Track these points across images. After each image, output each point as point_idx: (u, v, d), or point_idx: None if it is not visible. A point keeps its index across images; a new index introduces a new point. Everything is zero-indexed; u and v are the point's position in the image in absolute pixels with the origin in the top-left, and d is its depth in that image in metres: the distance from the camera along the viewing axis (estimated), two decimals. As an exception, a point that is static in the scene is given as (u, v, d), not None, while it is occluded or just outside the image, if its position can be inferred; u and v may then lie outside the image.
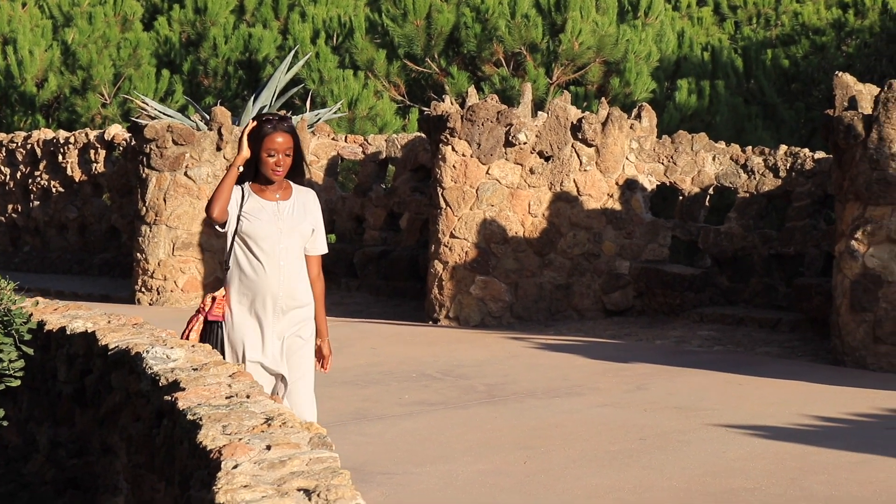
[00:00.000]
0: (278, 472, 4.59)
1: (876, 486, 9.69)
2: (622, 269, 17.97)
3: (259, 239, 7.95)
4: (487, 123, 17.36)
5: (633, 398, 12.90)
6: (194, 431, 5.28)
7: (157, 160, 19.66)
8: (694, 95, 26.03)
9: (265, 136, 7.94)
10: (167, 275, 19.73)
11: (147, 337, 7.66)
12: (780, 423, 11.60)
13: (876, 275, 14.22)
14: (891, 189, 14.08)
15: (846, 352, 14.45)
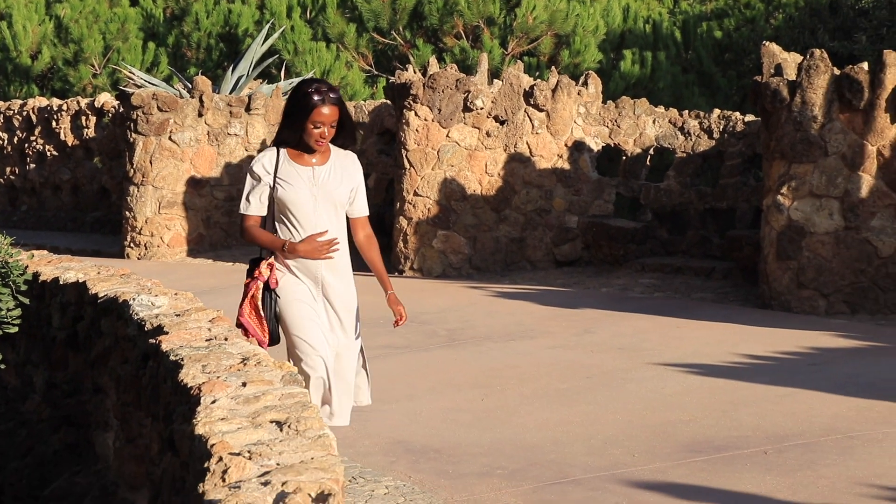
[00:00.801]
0: (253, 406, 4.64)
1: (798, 417, 9.78)
2: (571, 223, 18.02)
3: (294, 205, 7.35)
4: (447, 91, 17.38)
5: (580, 341, 12.95)
6: (176, 371, 5.33)
7: (144, 125, 19.63)
8: (637, 65, 26.04)
9: (313, 108, 7.29)
10: (154, 231, 19.72)
11: (134, 286, 7.69)
12: (714, 361, 11.68)
13: (799, 226, 14.31)
14: (812, 148, 14.17)
15: (773, 296, 14.55)
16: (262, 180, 7.38)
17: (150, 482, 6.45)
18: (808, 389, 10.59)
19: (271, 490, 3.55)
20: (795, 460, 8.73)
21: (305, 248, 7.32)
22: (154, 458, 6.27)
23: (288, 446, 3.98)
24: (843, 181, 14.16)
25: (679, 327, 13.54)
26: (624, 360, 11.89)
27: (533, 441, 9.39)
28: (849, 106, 14.08)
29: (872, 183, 14.10)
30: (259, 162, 7.45)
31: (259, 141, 20.20)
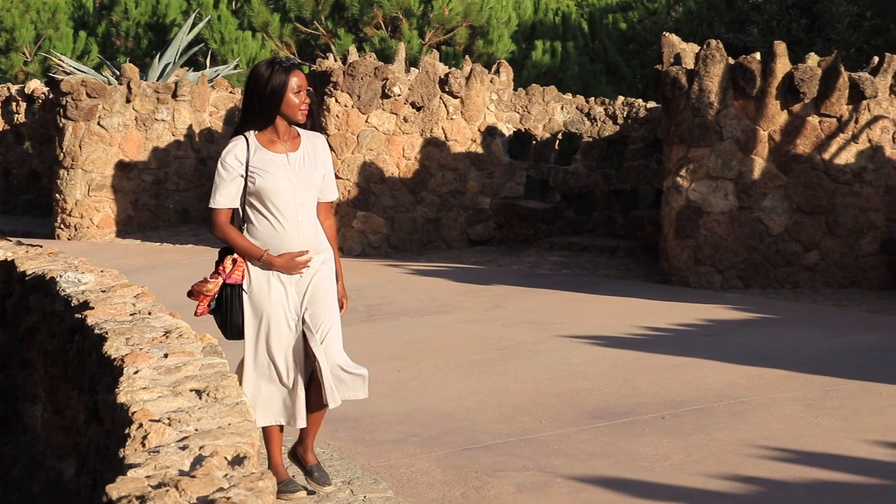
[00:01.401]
0: (174, 376, 4.64)
1: (694, 384, 9.87)
2: (484, 204, 18.05)
3: (272, 195, 6.65)
4: (366, 78, 17.36)
5: (492, 315, 13.00)
6: (101, 343, 5.31)
7: (73, 111, 19.47)
8: (547, 55, 26.10)
9: (289, 74, 6.68)
10: (83, 213, 19.58)
11: (61, 264, 7.64)
12: (616, 333, 11.75)
13: (697, 206, 14.42)
14: (709, 133, 14.28)
15: (672, 272, 14.66)
16: (234, 172, 6.70)
17: (77, 451, 6.42)
18: (703, 359, 10.70)
19: (189, 454, 3.54)
20: (690, 424, 8.82)
21: (282, 264, 6.70)
22: (80, 428, 6.24)
23: (206, 413, 3.98)
24: (736, 164, 14.28)
25: (584, 302, 13.61)
26: (532, 332, 11.94)
27: (446, 410, 9.42)
28: (742, 93, 14.20)
29: (764, 165, 14.23)
30: (231, 153, 6.74)
31: (185, 126, 20.12)
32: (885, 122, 14.13)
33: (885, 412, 9.05)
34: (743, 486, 7.56)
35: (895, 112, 14.19)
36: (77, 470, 6.47)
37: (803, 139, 14.12)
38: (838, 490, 7.48)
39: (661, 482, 7.53)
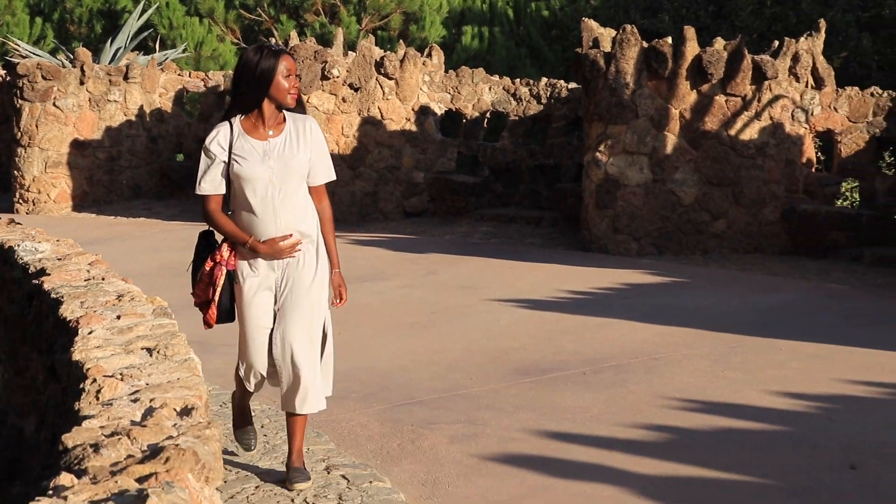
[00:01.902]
0: (126, 336, 4.62)
1: (612, 342, 9.96)
2: (418, 179, 18.07)
3: (250, 181, 6.19)
4: (307, 61, 17.33)
5: (426, 281, 13.02)
6: (57, 307, 5.27)
7: (30, 93, 19.36)
8: (476, 39, 26.18)
9: (278, 58, 6.17)
10: (41, 189, 19.48)
11: (19, 234, 7.57)
12: (541, 296, 11.81)
13: (615, 179, 14.50)
14: (625, 111, 14.35)
15: (592, 241, 14.73)
16: (217, 158, 6.25)
17: (37, 409, 6.38)
18: (621, 319, 10.80)
19: (140, 406, 3.53)
20: (609, 379, 8.89)
21: (267, 250, 6.23)
22: (39, 387, 6.20)
23: (157, 369, 3.96)
24: (650, 140, 14.36)
25: (511, 268, 13.66)
26: (464, 297, 11.98)
27: (384, 368, 9.45)
28: (655, 74, 14.28)
29: (676, 141, 14.32)
30: (213, 140, 6.27)
31: (137, 106, 20.02)
32: (784, 101, 14.25)
33: (785, 365, 9.17)
34: (656, 434, 7.64)
35: (794, 92, 14.32)
36: (37, 426, 6.43)
37: (711, 117, 14.22)
38: (741, 436, 7.58)
39: (581, 432, 7.58)
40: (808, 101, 14.49)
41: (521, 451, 7.31)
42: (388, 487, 6.83)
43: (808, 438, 7.51)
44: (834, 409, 8.08)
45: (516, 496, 6.61)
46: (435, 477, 7.01)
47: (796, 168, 14.43)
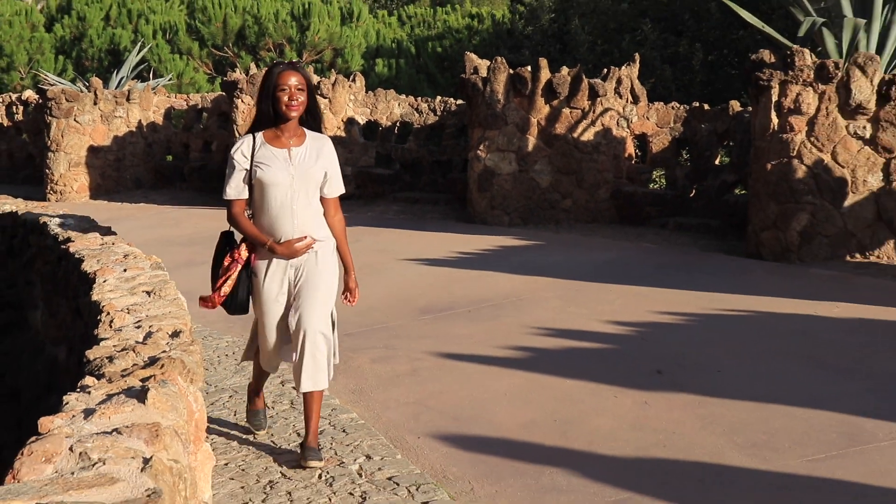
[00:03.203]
0: (131, 283, 4.65)
1: (489, 288, 10.02)
2: (347, 172, 17.98)
3: (272, 185, 5.37)
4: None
5: (353, 246, 12.71)
6: (79, 264, 5.29)
7: (56, 111, 19.16)
8: (387, 68, 26.16)
9: (277, 75, 5.41)
10: (66, 182, 19.32)
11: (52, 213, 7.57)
12: (438, 256, 11.86)
13: (491, 170, 14.57)
14: (498, 120, 14.42)
15: (475, 215, 14.80)
16: (240, 166, 5.44)
17: (66, 340, 6.39)
18: (496, 271, 10.87)
19: (142, 331, 3.58)
20: (487, 314, 8.98)
21: (284, 251, 5.42)
22: (68, 324, 6.20)
23: (154, 305, 4.01)
24: (517, 141, 14.45)
25: (417, 236, 13.66)
26: (381, 257, 11.99)
27: (322, 309, 9.49)
28: (519, 93, 14.36)
29: (535, 142, 14.42)
30: (238, 150, 5.48)
31: (136, 120, 19.87)
32: (612, 112, 14.41)
33: (613, 302, 9.32)
34: (521, 352, 7.74)
35: (618, 106, 14.48)
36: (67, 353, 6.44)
37: (560, 124, 14.35)
38: (582, 352, 7.71)
39: (468, 353, 7.67)
40: (628, 113, 14.68)
41: (424, 368, 7.39)
42: (326, 394, 6.90)
43: (629, 352, 7.67)
44: (646, 332, 8.26)
45: (420, 399, 6.69)
46: (361, 387, 7.08)
47: (621, 161, 14.62)
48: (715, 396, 6.56)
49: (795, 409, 6.27)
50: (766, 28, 11.94)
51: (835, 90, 10.92)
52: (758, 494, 5.09)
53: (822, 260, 10.96)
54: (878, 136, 10.91)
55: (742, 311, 8.86)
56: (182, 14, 27.97)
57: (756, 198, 11.48)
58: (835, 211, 10.99)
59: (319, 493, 5.19)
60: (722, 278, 10.23)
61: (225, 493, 5.23)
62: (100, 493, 2.02)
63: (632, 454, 5.68)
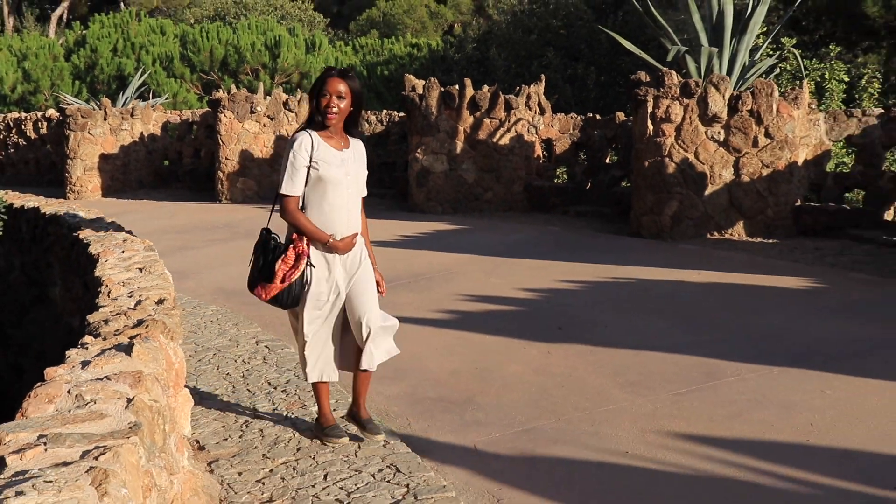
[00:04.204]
0: (127, 262, 4.60)
1: (425, 264, 9.98)
2: (311, 172, 17.95)
3: (332, 184, 4.62)
4: (241, 102, 17.04)
5: (316, 232, 12.98)
6: (87, 247, 5.23)
7: (74, 125, 18.81)
8: (343, 89, 26.12)
9: (324, 80, 4.64)
10: (82, 184, 18.96)
11: (66, 208, 7.46)
12: (385, 239, 11.77)
13: (427, 169, 14.54)
14: (432, 129, 14.38)
15: (415, 206, 14.75)
16: (303, 162, 4.62)
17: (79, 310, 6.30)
18: (431, 250, 10.86)
19: (133, 299, 3.55)
20: (424, 285, 8.98)
21: (343, 247, 4.71)
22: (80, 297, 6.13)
23: (144, 279, 3.97)
24: (447, 145, 14.43)
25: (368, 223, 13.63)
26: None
27: (290, 283, 9.43)
28: (449, 107, 14.35)
29: (462, 146, 14.41)
30: (300, 146, 4.63)
31: (139, 133, 19.59)
32: (523, 121, 14.44)
33: (523, 273, 9.37)
34: (450, 315, 7.77)
35: (528, 116, 14.51)
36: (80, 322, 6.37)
37: (482, 131, 14.36)
38: (498, 313, 7.75)
39: (409, 315, 7.65)
40: (537, 122, 14.73)
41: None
42: (293, 352, 6.87)
43: (536, 312, 7.73)
44: (550, 297, 8.32)
45: (367, 352, 6.71)
46: (320, 343, 7.08)
47: (531, 161, 14.67)
48: (602, 346, 6.65)
49: (665, 355, 6.37)
50: (643, 54, 12.04)
51: (696, 103, 11.06)
52: (635, 421, 5.18)
53: (688, 238, 11.11)
54: (730, 140, 11.08)
55: (625, 278, 8.97)
56: (176, 46, 27.59)
57: (637, 189, 11.60)
58: (697, 199, 11.15)
59: (285, 430, 5.18)
60: (610, 253, 10.34)
61: (209, 430, 5.21)
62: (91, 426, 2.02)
63: (536, 393, 5.75)
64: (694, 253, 10.22)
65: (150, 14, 36.18)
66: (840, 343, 6.47)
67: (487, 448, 4.89)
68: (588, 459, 4.64)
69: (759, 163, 11.02)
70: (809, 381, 5.68)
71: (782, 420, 5.07)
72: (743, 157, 11.05)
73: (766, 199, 11.05)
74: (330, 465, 4.64)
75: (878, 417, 5.05)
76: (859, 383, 5.61)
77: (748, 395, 5.50)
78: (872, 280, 8.53)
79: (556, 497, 4.25)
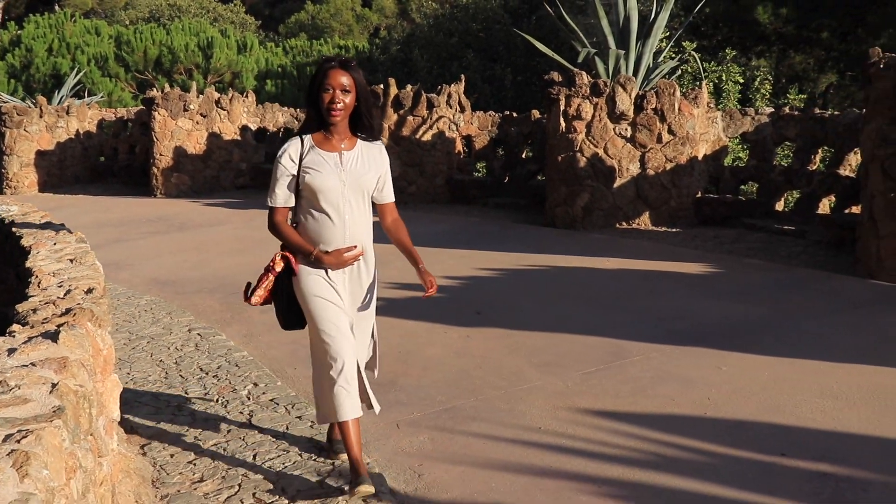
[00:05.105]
0: (59, 253, 4.46)
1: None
2: (243, 167, 17.65)
3: (322, 192, 3.85)
4: (174, 101, 16.69)
5: (248, 226, 12.79)
6: (20, 239, 5.07)
7: (10, 123, 18.24)
8: (274, 87, 25.74)
9: (324, 72, 3.80)
10: (19, 180, 18.39)
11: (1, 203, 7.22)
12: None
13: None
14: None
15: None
16: (288, 171, 3.91)
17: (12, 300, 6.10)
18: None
19: (63, 289, 3.46)
20: (350, 273, 8.93)
21: (332, 260, 3.91)
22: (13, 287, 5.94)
23: (74, 270, 3.87)
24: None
25: (297, 216, 13.56)
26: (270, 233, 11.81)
27: (223, 274, 9.30)
28: (375, 105, 14.26)
29: (386, 142, 14.21)
30: (285, 153, 3.92)
31: (74, 130, 19.09)
32: (444, 119, 14.43)
33: (446, 262, 9.32)
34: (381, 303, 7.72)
35: (450, 114, 14.51)
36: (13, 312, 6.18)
37: (406, 128, 14.31)
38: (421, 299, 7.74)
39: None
40: (457, 119, 14.74)
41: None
42: (224, 338, 6.79)
43: (458, 298, 7.74)
44: (470, 284, 8.33)
45: (296, 339, 6.53)
46: (251, 332, 6.98)
47: (452, 156, 14.68)
48: (518, 329, 6.69)
49: (576, 336, 6.45)
50: (556, 56, 12.15)
51: (605, 102, 11.20)
52: (547, 399, 5.23)
53: (598, 228, 11.25)
54: (636, 136, 11.25)
55: (540, 266, 9.04)
56: (111, 46, 26.92)
57: (551, 182, 11.70)
58: (607, 191, 11.30)
59: (216, 414, 5.11)
60: (526, 242, 10.40)
61: (142, 415, 5.11)
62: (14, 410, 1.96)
63: (456, 374, 5.76)
64: (604, 241, 10.35)
65: (86, 15, 35.22)
66: (735, 323, 6.63)
67: (409, 427, 4.89)
68: (504, 435, 4.67)
69: (663, 157, 11.21)
70: (707, 359, 5.80)
71: (682, 395, 5.17)
72: (648, 153, 11.22)
73: (669, 191, 11.25)
74: (259, 445, 4.59)
75: (768, 391, 5.19)
76: (752, 360, 5.76)
77: (652, 372, 5.59)
78: (764, 265, 8.76)
79: (474, 470, 4.27)
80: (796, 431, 4.57)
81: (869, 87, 8.33)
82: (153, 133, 16.84)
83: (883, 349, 5.86)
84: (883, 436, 4.48)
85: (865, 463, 4.16)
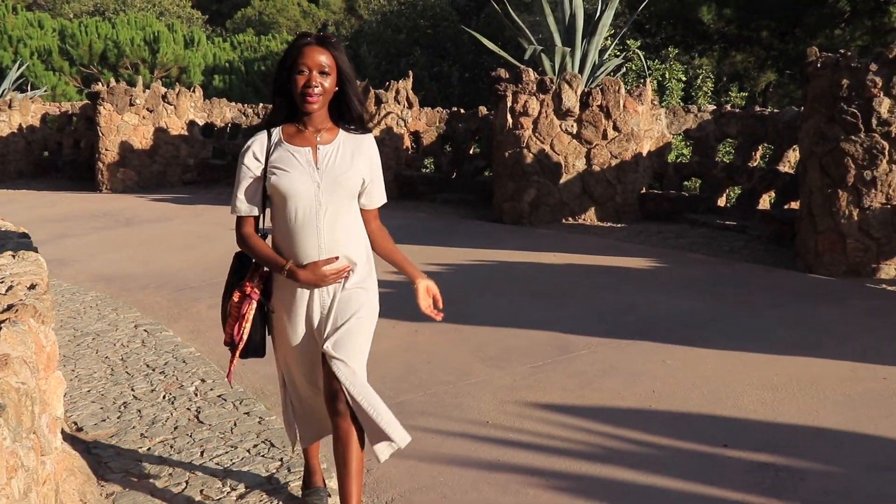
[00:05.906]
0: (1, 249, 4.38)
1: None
2: (190, 162, 17.39)
3: (291, 197, 3.11)
4: (121, 95, 16.38)
5: (195, 220, 12.63)
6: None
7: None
8: (222, 82, 25.44)
9: (299, 49, 3.06)
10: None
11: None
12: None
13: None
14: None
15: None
16: (251, 173, 3.20)
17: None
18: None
19: (5, 285, 3.36)
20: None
21: (308, 276, 3.13)
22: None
23: (17, 265, 3.77)
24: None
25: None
26: (217, 229, 11.63)
27: (170, 270, 9.17)
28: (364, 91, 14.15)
29: (336, 138, 14.25)
30: (248, 150, 3.23)
31: (17, 124, 18.65)
32: (392, 115, 14.38)
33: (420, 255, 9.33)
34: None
35: (398, 110, 14.46)
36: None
37: (354, 124, 14.23)
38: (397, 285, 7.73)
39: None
40: (405, 115, 14.70)
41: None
42: (171, 334, 6.70)
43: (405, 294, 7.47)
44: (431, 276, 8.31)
45: (245, 333, 6.57)
46: (198, 328, 6.90)
47: (400, 152, 14.63)
48: (466, 324, 6.70)
49: (523, 331, 6.47)
50: (503, 53, 12.18)
51: (551, 98, 11.26)
52: (495, 393, 5.24)
53: (545, 223, 11.32)
54: (582, 132, 11.34)
55: (488, 261, 9.07)
56: (55, 40, 26.32)
57: (499, 178, 11.74)
58: (554, 187, 11.37)
59: (163, 410, 5.04)
60: (474, 238, 10.42)
61: (87, 413, 5.01)
62: (-47, 410, 1.90)
63: (404, 369, 5.75)
64: (550, 237, 10.42)
65: (28, 8, 34.41)
66: (679, 317, 6.72)
67: (359, 421, 4.87)
68: (452, 430, 4.67)
69: (608, 154, 11.31)
70: (652, 352, 5.87)
71: (628, 388, 5.22)
72: (594, 149, 11.31)
73: (614, 187, 11.36)
74: (206, 442, 4.53)
75: (711, 383, 5.27)
76: (695, 353, 5.84)
77: (598, 365, 5.64)
78: (707, 260, 8.89)
79: (423, 465, 4.26)
80: (738, 423, 4.65)
81: (807, 86, 8.49)
82: (99, 128, 16.52)
83: (821, 342, 5.99)
84: (820, 426, 4.57)
85: (803, 452, 4.25)
